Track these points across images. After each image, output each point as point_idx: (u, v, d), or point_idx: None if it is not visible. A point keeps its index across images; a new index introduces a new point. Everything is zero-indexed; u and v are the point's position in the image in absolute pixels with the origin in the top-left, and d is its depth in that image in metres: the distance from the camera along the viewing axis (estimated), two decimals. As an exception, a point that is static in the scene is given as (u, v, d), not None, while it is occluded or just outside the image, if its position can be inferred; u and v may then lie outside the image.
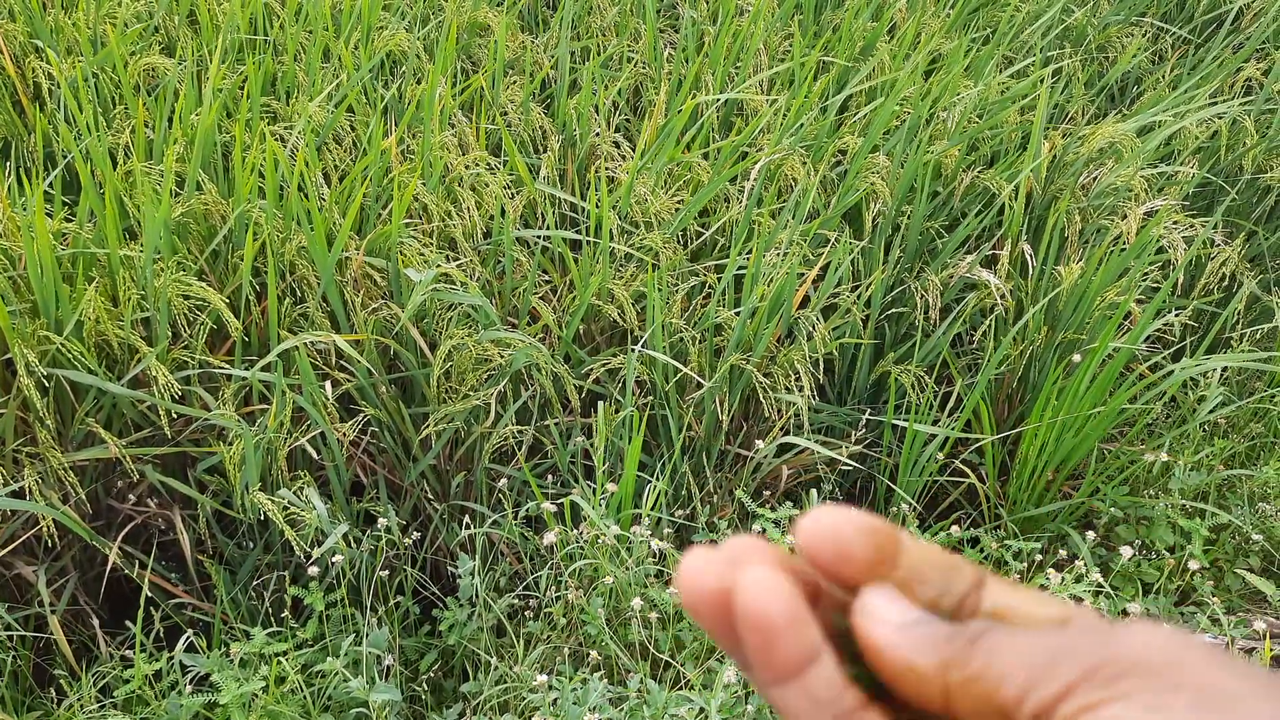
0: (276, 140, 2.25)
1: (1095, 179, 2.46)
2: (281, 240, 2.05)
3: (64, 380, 1.86)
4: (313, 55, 2.48)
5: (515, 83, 2.72)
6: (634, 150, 2.58)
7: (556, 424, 2.13)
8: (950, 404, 2.25)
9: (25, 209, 1.93)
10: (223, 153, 2.30)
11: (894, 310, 2.38)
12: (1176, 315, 2.17)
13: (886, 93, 2.70)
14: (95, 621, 1.85)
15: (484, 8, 2.83)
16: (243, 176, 2.06)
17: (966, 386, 2.26)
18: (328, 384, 1.86)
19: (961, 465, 2.26)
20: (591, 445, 2.02)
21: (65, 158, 2.22)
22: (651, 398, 2.17)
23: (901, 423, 2.05)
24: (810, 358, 2.12)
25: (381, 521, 1.88)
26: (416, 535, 2.02)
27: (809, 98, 2.56)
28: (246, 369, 1.94)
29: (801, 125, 2.52)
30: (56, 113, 2.37)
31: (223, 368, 1.91)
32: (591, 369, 2.17)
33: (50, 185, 2.08)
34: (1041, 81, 2.61)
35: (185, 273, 1.93)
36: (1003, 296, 2.26)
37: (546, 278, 2.36)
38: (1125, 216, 2.34)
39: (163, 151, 2.18)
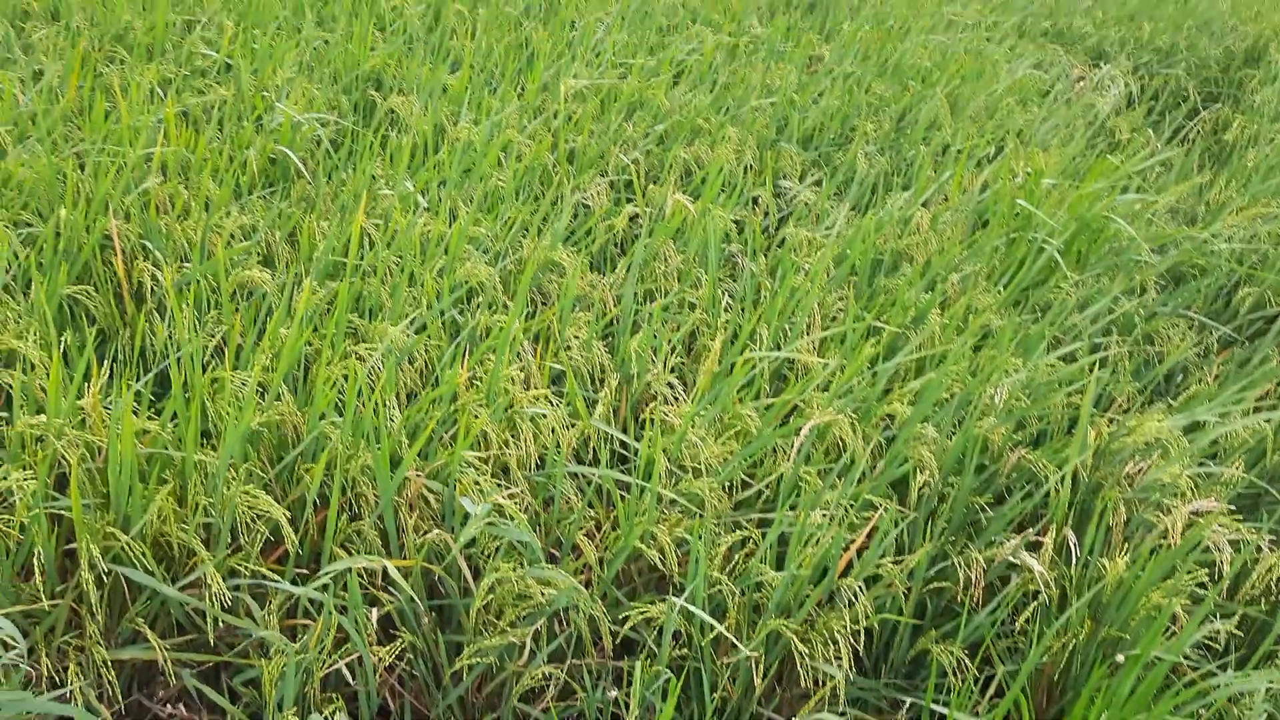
0: (356, 359, 2.37)
1: (1141, 470, 2.51)
2: (347, 458, 2.14)
3: (121, 577, 1.91)
4: (399, 281, 2.64)
5: (581, 318, 2.85)
6: (687, 394, 2.68)
7: (588, 667, 2.13)
8: (990, 690, 2.23)
9: (114, 405, 2.03)
10: (304, 364, 2.42)
11: (935, 584, 2.39)
12: (1223, 623, 2.17)
13: (936, 364, 2.80)
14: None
15: (560, 248, 3.01)
16: (322, 391, 2.17)
17: (1009, 674, 2.24)
18: (374, 611, 1.90)
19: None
20: (622, 695, 2.01)
21: (158, 357, 2.36)
22: (686, 650, 2.18)
23: (940, 708, 2.03)
24: (850, 629, 2.12)
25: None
26: (437, 769, 2.00)
27: (859, 361, 2.66)
28: (296, 581, 1.99)
29: (851, 389, 2.61)
30: (154, 313, 2.52)
31: (274, 579, 1.96)
32: (628, 614, 2.18)
33: (140, 386, 2.20)
34: (1090, 369, 2.69)
35: (254, 483, 2.01)
36: (1046, 585, 2.27)
37: (592, 512, 2.42)
38: (1170, 512, 2.36)
39: (249, 361, 2.31)
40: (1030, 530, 2.38)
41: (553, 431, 2.38)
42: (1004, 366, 2.74)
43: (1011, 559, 2.33)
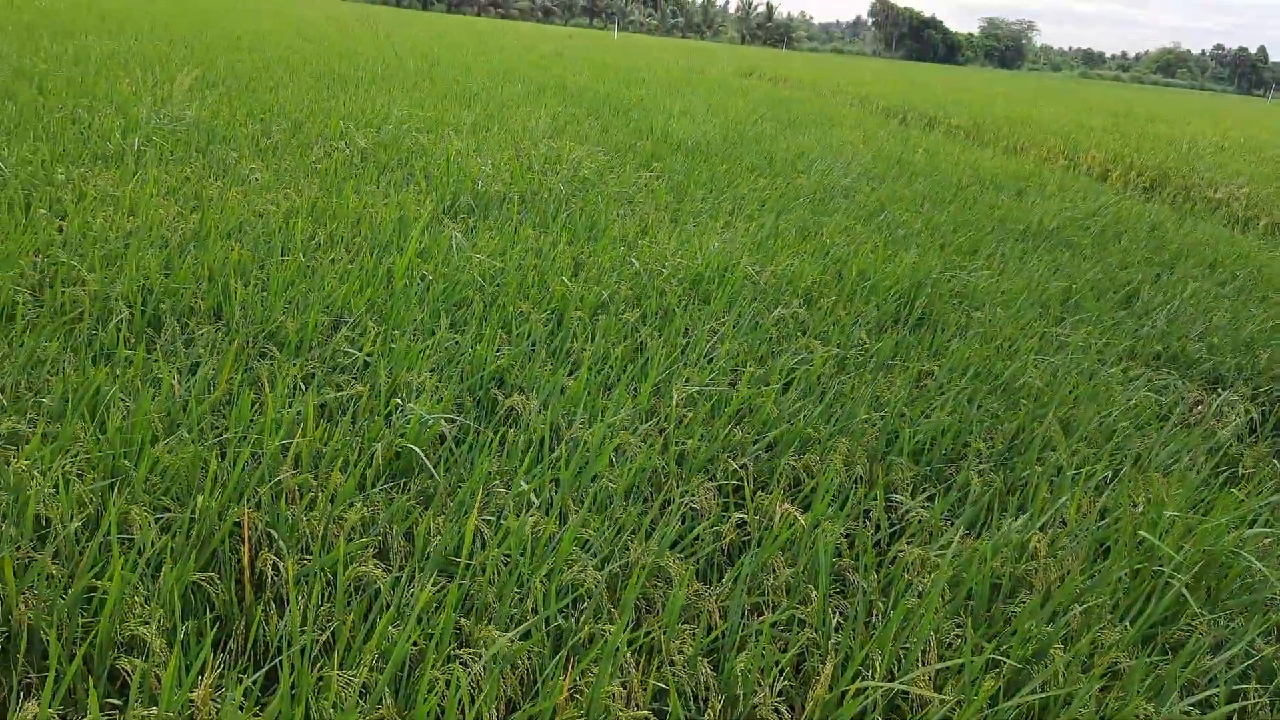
0: (459, 664, 2.36)
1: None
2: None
3: None
4: (507, 583, 2.66)
5: (685, 630, 2.81)
6: None
7: None
8: None
9: (222, 700, 2.05)
10: (408, 663, 2.42)
11: None
12: None
13: (1061, 706, 2.65)
14: None
15: (667, 554, 3.01)
16: (423, 697, 2.15)
17: None
18: None
19: None
20: None
21: (270, 647, 2.39)
22: None
23: None
24: None
25: None
26: None
27: (980, 699, 2.53)
28: None
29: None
30: (271, 603, 2.58)
31: None
32: None
33: (250, 684, 2.22)
34: (1228, 720, 2.51)
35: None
36: None
37: None
38: None
39: (358, 658, 2.32)
40: None
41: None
42: (1136, 712, 2.58)
43: None
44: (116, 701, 2.19)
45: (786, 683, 2.74)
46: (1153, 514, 3.42)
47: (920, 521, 3.54)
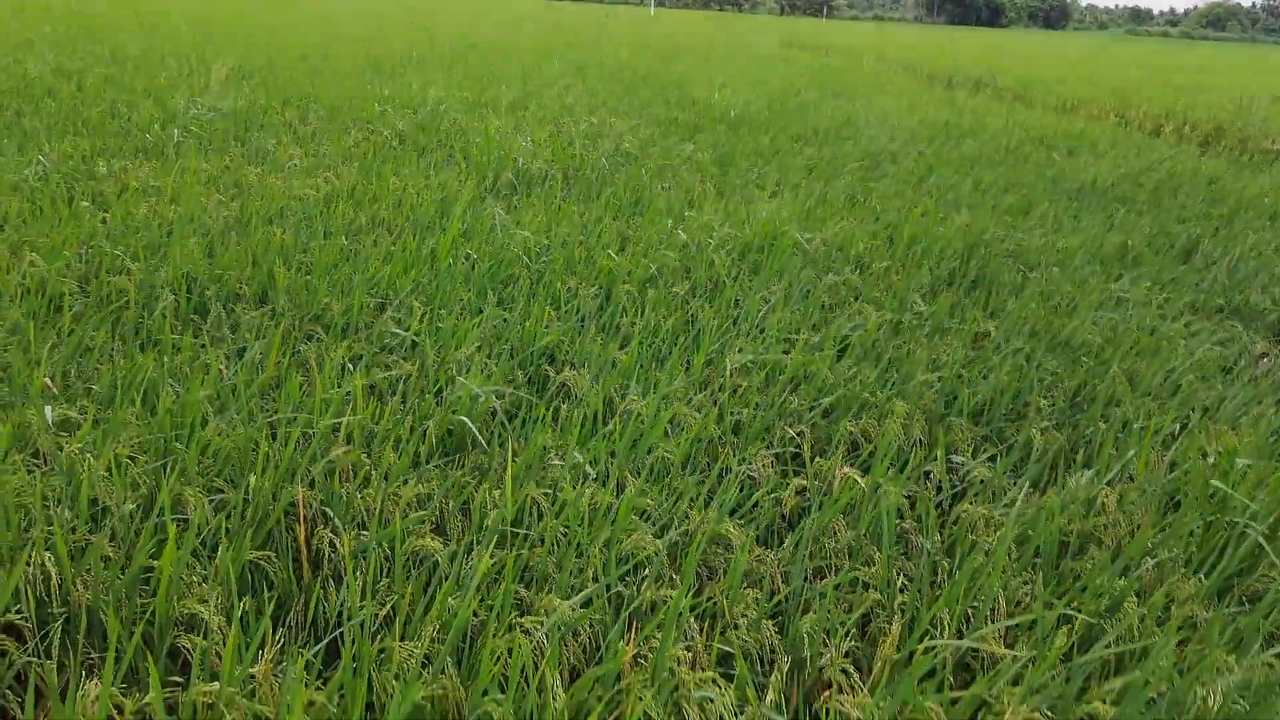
0: (522, 632, 2.33)
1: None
2: (509, 738, 2.06)
3: None
4: (566, 552, 2.63)
5: (748, 595, 2.76)
6: (863, 681, 2.51)
7: None
8: None
9: (284, 674, 2.03)
10: (469, 635, 2.40)
11: None
12: None
13: (1137, 660, 2.56)
14: None
15: (727, 521, 2.96)
16: (487, 666, 2.12)
17: None
18: None
19: None
20: None
21: (330, 623, 2.37)
22: None
23: None
24: None
25: None
26: None
27: (1054, 653, 2.45)
28: None
29: (1044, 685, 2.41)
30: (329, 579, 2.57)
31: None
32: None
33: (311, 655, 2.20)
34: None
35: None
36: None
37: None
38: None
39: (418, 631, 2.30)
40: None
41: (721, 719, 2.25)
42: (1216, 664, 2.49)
43: None
44: (178, 679, 2.19)
45: (853, 644, 2.68)
46: (1224, 464, 3.31)
47: (982, 482, 3.45)
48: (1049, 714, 2.34)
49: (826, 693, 2.45)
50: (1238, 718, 2.38)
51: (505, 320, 4.17)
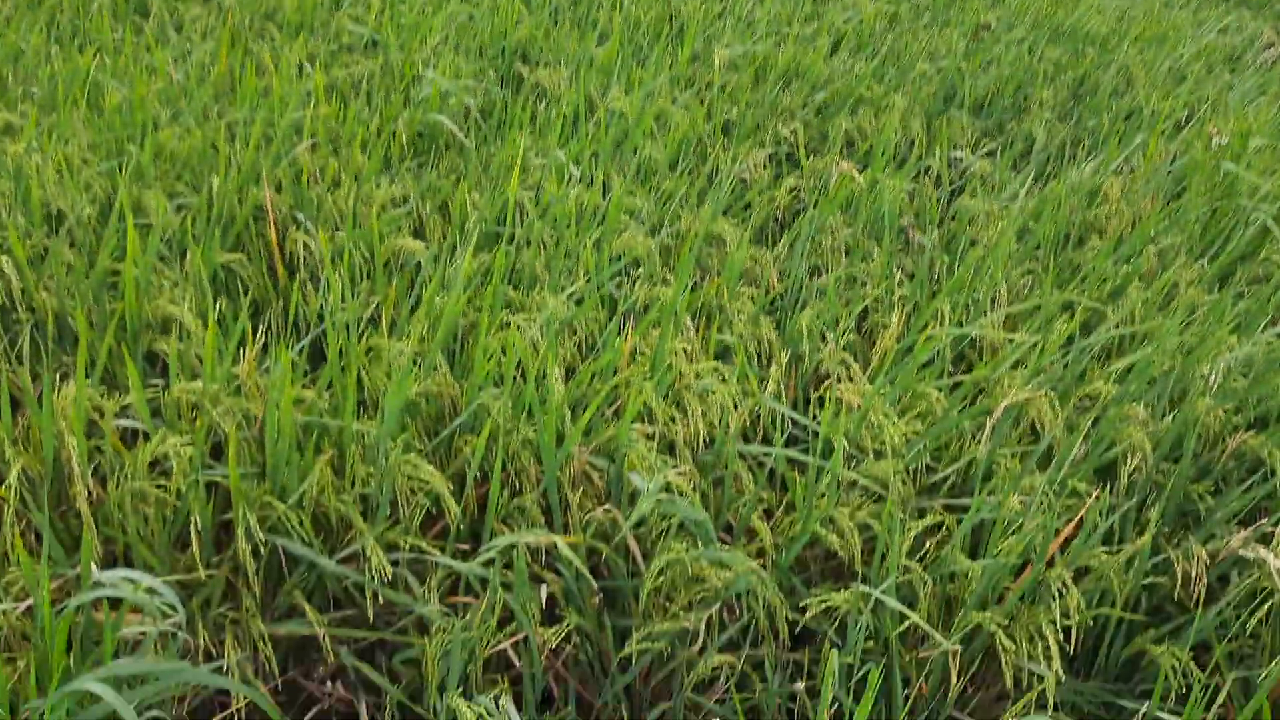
0: (516, 330, 2.24)
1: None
2: (508, 430, 2.00)
3: (278, 548, 1.82)
4: (555, 252, 2.50)
5: (745, 292, 2.67)
6: (863, 373, 2.47)
7: (767, 658, 1.95)
8: (1217, 700, 1.95)
9: (271, 371, 1.94)
10: (458, 338, 2.31)
11: (1148, 580, 2.13)
12: None
13: (1139, 344, 2.53)
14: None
15: (721, 220, 2.83)
16: (481, 362, 2.04)
17: (1239, 683, 1.97)
18: (543, 587, 1.76)
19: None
20: (803, 691, 1.83)
21: (310, 327, 2.27)
22: (871, 644, 1.97)
23: (1169, 717, 1.78)
24: (1060, 625, 1.89)
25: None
26: (605, 764, 1.84)
27: (1060, 336, 2.41)
28: (456, 557, 1.87)
29: (1044, 369, 2.38)
30: (307, 283, 2.45)
31: (434, 554, 1.83)
32: (808, 603, 1.99)
33: (295, 355, 2.11)
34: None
35: (414, 454, 1.89)
36: (1286, 582, 1.98)
37: (761, 496, 2.23)
38: None
39: (406, 331, 2.21)
40: (1265, 522, 2.10)
41: (721, 410, 2.21)
42: (1219, 344, 2.45)
43: (1242, 552, 2.06)
44: (159, 382, 2.09)
45: (851, 337, 2.62)
46: (1237, 146, 3.18)
47: (983, 177, 3.32)
48: (1052, 394, 2.32)
49: (825, 384, 2.41)
50: (1237, 392, 2.37)
51: (472, 17, 3.85)
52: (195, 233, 2.48)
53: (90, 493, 1.80)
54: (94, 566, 1.56)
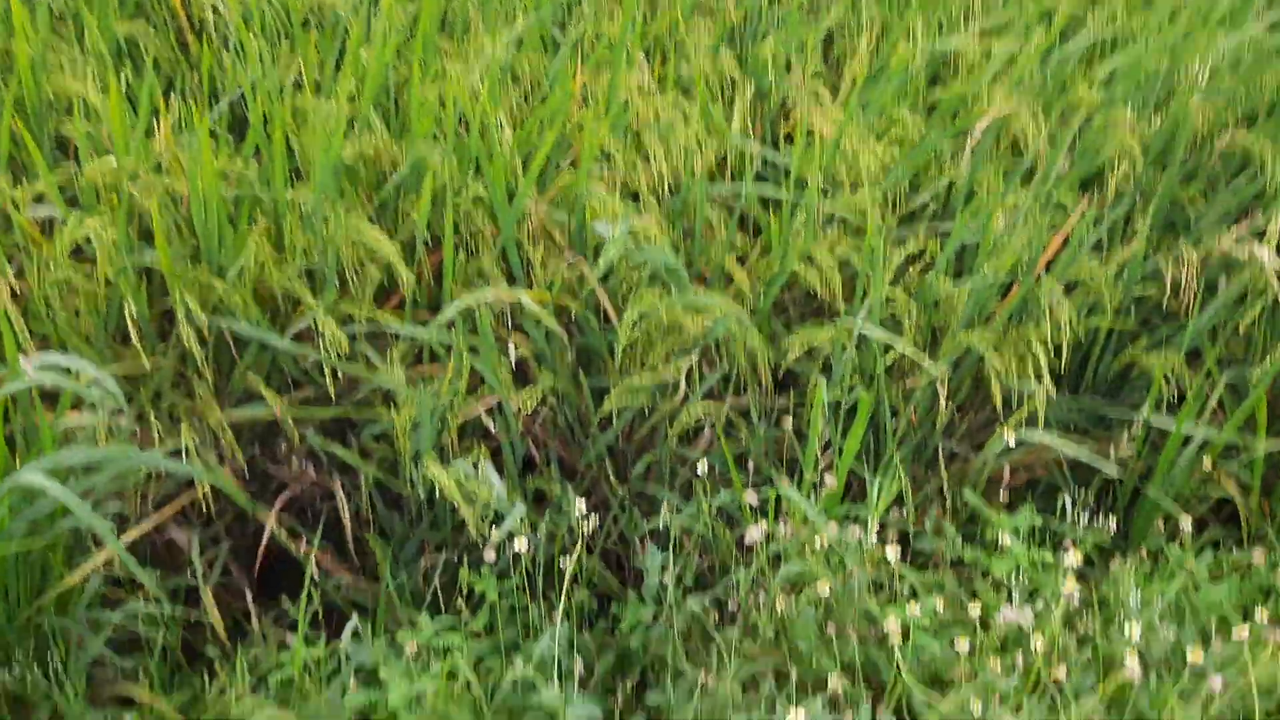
0: (453, 79, 2.05)
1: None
2: (456, 189, 1.85)
3: (225, 332, 1.70)
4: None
5: (701, 24, 2.46)
6: (833, 101, 2.31)
7: (751, 404, 1.89)
8: (1209, 405, 1.92)
9: (190, 144, 1.77)
10: (392, 95, 2.12)
11: (1138, 294, 2.06)
12: None
13: (1124, 45, 2.37)
14: (249, 596, 1.69)
15: (668, -54, 2.58)
16: (418, 116, 1.87)
17: (1229, 387, 1.93)
18: (511, 346, 1.66)
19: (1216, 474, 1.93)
20: (796, 429, 1.78)
21: (229, 95, 2.07)
22: (859, 380, 1.91)
23: (1164, 423, 1.76)
24: (1050, 342, 1.83)
25: (560, 504, 1.67)
26: (593, 522, 1.79)
27: (1046, 41, 2.25)
28: (416, 327, 1.76)
29: (1023, 79, 2.23)
30: (221, 49, 2.22)
31: (391, 324, 1.72)
32: (789, 344, 1.91)
33: (215, 123, 1.92)
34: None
35: (356, 216, 1.74)
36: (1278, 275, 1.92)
37: (733, 241, 2.11)
38: None
39: (332, 90, 2.01)
40: (1259, 219, 2.02)
41: (687, 151, 2.06)
42: (1208, 39, 2.30)
43: (1234, 252, 1.98)
44: (72, 167, 1.91)
45: (818, 66, 2.44)
46: None
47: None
48: (1033, 106, 2.18)
49: (792, 115, 2.25)
50: (1226, 89, 2.23)
51: None
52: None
53: (12, 289, 1.66)
54: (24, 361, 1.44)
